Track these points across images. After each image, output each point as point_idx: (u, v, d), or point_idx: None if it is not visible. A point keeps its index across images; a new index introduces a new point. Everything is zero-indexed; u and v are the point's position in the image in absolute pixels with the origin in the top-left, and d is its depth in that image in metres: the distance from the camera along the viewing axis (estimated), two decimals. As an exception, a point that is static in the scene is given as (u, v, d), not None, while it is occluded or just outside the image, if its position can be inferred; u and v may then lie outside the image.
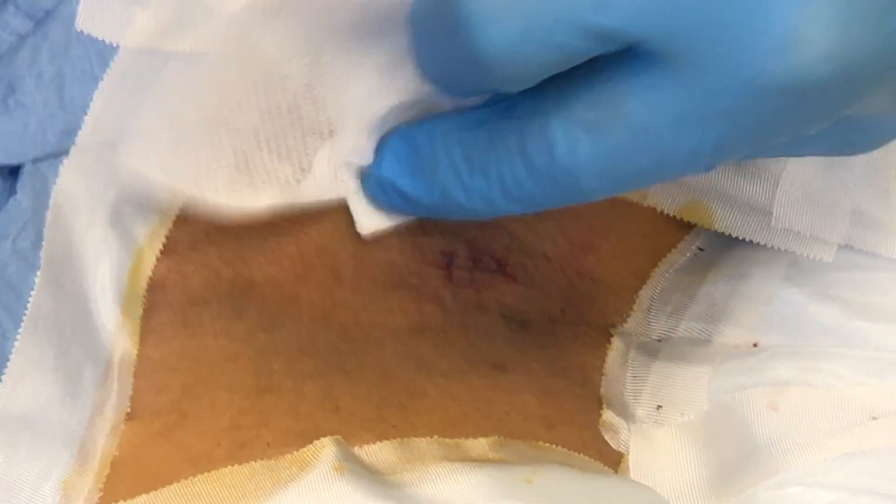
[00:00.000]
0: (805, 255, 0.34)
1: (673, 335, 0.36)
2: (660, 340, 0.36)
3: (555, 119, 0.26)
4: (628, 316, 0.37)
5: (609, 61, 0.26)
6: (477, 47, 0.25)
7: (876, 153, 0.35)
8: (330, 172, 0.31)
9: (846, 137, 0.28)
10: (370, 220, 0.31)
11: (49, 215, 0.32)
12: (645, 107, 0.25)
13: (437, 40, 0.27)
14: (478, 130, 0.28)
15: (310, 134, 0.31)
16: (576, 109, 0.26)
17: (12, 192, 0.34)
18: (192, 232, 0.33)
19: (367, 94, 0.30)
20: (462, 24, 0.25)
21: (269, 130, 0.30)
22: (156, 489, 0.28)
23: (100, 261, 0.32)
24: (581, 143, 0.26)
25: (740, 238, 0.35)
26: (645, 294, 0.37)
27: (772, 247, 0.35)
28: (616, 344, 0.36)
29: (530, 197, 0.28)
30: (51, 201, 0.32)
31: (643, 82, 0.25)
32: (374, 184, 0.30)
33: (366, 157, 0.30)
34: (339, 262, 0.34)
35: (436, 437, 0.29)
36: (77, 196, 0.33)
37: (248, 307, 0.32)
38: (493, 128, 0.28)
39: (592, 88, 0.26)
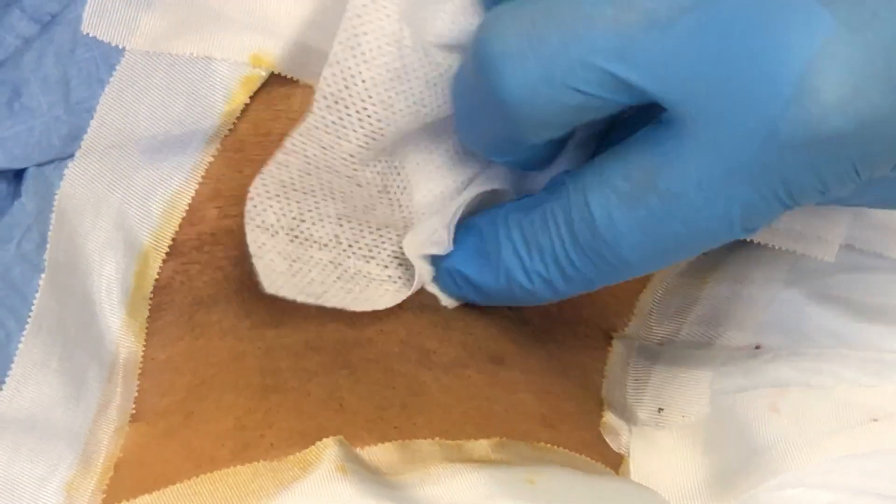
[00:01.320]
0: (807, 254, 0.34)
1: (675, 339, 0.36)
2: (661, 344, 0.36)
3: (594, 193, 0.27)
4: (629, 320, 0.37)
5: (641, 133, 0.27)
6: (501, 89, 0.26)
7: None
8: (412, 264, 0.32)
9: (887, 193, 0.28)
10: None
11: (53, 218, 0.32)
12: (672, 173, 0.26)
13: (469, 96, 0.28)
14: (533, 212, 0.29)
15: (384, 229, 0.32)
16: (612, 182, 0.27)
17: (17, 195, 0.34)
18: (199, 233, 0.33)
19: (439, 190, 0.32)
20: (487, 67, 0.26)
21: (350, 235, 0.32)
22: (158, 489, 0.28)
23: (104, 263, 0.32)
24: (617, 214, 0.27)
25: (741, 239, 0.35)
26: (646, 298, 0.37)
27: (773, 248, 0.35)
28: (617, 347, 0.36)
29: (583, 275, 0.29)
30: (55, 204, 0.32)
31: (670, 149, 0.26)
32: (444, 274, 0.32)
33: (443, 247, 0.32)
34: None
35: (437, 438, 0.29)
36: (82, 199, 0.33)
37: (257, 304, 0.32)
38: (546, 208, 0.29)
39: (626, 160, 0.27)
